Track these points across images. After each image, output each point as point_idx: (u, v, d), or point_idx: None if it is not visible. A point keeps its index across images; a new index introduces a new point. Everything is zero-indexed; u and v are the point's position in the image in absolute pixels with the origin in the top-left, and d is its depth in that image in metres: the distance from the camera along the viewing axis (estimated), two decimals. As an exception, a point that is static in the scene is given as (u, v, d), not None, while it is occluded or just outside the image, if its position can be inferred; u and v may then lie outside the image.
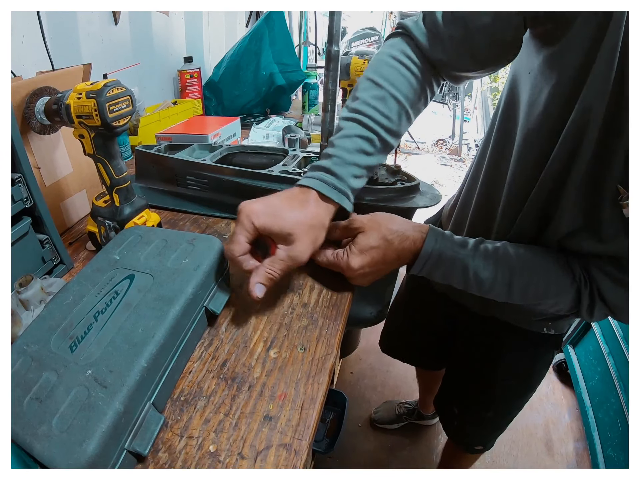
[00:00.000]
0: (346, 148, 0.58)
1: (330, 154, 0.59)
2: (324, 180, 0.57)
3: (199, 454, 0.42)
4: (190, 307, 0.50)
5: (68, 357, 0.42)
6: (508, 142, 0.63)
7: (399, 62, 0.61)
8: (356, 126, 0.59)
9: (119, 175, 0.65)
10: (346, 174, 0.58)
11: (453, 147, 5.06)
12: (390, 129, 0.61)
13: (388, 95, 0.60)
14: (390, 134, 0.61)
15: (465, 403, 1.01)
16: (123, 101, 0.60)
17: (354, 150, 0.58)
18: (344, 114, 0.62)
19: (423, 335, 1.12)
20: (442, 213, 0.93)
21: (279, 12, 1.71)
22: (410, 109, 0.63)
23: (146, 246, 0.56)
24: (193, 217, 0.85)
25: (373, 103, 0.60)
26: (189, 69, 1.59)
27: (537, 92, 0.56)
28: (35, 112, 0.66)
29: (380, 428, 1.68)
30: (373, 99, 0.60)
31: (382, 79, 0.60)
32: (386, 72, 0.61)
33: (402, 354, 1.26)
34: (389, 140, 0.61)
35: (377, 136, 0.60)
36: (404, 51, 0.62)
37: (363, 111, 0.59)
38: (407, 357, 1.27)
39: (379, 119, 0.60)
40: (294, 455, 0.42)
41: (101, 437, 0.36)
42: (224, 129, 1.21)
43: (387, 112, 0.60)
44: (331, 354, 0.54)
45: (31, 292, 0.53)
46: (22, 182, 0.59)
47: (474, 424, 1.03)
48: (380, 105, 0.60)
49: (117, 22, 1.28)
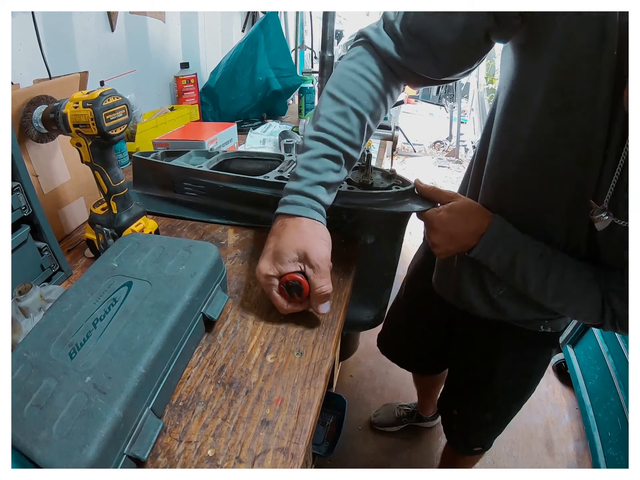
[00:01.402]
0: (313, 168, 0.61)
1: (300, 176, 0.61)
2: (300, 203, 0.60)
3: (198, 459, 0.43)
4: (188, 314, 0.51)
5: (67, 364, 0.42)
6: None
7: (359, 75, 0.62)
8: (321, 145, 0.61)
9: (116, 183, 0.66)
10: (318, 193, 0.61)
11: (450, 148, 5.08)
12: (354, 143, 0.63)
13: (350, 111, 0.61)
14: (353, 149, 0.64)
15: (464, 405, 1.02)
16: (119, 110, 0.61)
17: (322, 170, 0.61)
18: (309, 132, 0.63)
19: (421, 339, 1.12)
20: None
21: (275, 17, 1.72)
22: (371, 121, 0.65)
23: (144, 253, 0.57)
24: (190, 224, 0.86)
25: (336, 120, 0.61)
26: (186, 74, 1.61)
27: (518, 102, 0.58)
28: (33, 121, 0.67)
29: (380, 431, 1.68)
30: (336, 116, 0.62)
31: (344, 94, 0.62)
32: (347, 86, 0.62)
33: (399, 359, 1.27)
34: (353, 155, 0.64)
35: (342, 152, 0.62)
36: (364, 63, 0.63)
37: (327, 129, 0.61)
38: (405, 362, 1.28)
39: (343, 136, 0.61)
40: (291, 459, 0.43)
41: (101, 443, 0.36)
42: (221, 134, 1.22)
43: (349, 127, 0.62)
44: (327, 358, 0.55)
45: (30, 300, 0.53)
46: (21, 191, 0.60)
47: (473, 426, 1.04)
48: (343, 122, 0.61)
49: (114, 29, 1.29)
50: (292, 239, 0.57)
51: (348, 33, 5.40)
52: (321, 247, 0.57)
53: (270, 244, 0.59)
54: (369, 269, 0.80)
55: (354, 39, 0.67)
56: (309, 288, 0.57)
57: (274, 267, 0.57)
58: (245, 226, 0.85)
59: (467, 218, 0.65)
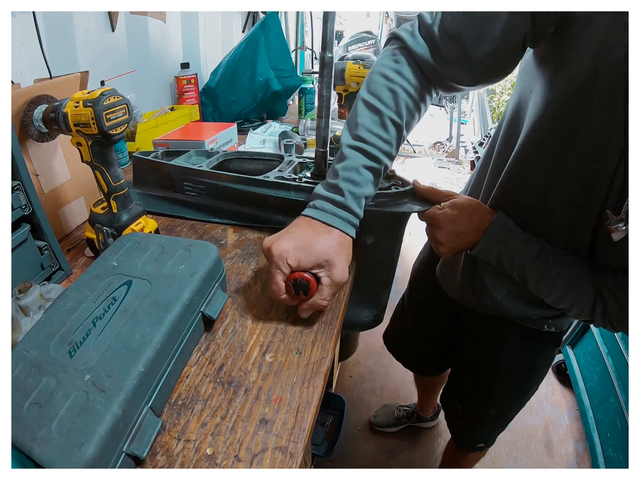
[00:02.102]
0: (355, 181, 0.60)
1: (342, 188, 0.60)
2: (339, 216, 0.59)
3: (196, 457, 0.43)
4: (187, 313, 0.51)
5: (67, 363, 0.42)
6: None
7: (396, 83, 0.62)
8: (360, 156, 0.61)
9: (116, 182, 0.66)
10: (357, 207, 0.60)
11: (450, 149, 5.08)
12: (391, 154, 0.63)
13: (388, 120, 0.61)
14: (390, 160, 0.63)
15: (468, 400, 1.02)
16: (120, 109, 0.61)
17: (363, 183, 0.60)
18: (347, 141, 0.62)
19: (428, 335, 1.13)
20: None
21: (275, 17, 1.72)
22: (406, 131, 0.65)
23: (143, 252, 0.57)
24: (190, 223, 0.86)
25: (375, 130, 0.61)
26: (186, 75, 1.61)
27: (538, 110, 0.58)
28: (33, 120, 0.67)
29: (379, 431, 1.68)
30: (374, 125, 0.61)
31: (381, 103, 0.61)
32: (384, 95, 0.62)
33: (404, 357, 1.27)
34: (389, 165, 0.64)
35: (381, 164, 0.62)
36: (400, 70, 0.62)
37: (366, 139, 0.61)
38: (410, 361, 1.28)
39: (382, 146, 0.61)
40: (290, 457, 0.43)
41: (100, 441, 0.36)
42: (221, 134, 1.22)
43: (388, 138, 0.61)
44: (326, 357, 0.55)
45: (30, 299, 0.53)
46: (21, 190, 0.60)
47: (477, 421, 1.04)
48: (382, 132, 0.61)
49: (114, 29, 1.29)
50: (324, 245, 0.56)
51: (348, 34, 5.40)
52: (346, 266, 0.57)
53: (297, 233, 0.58)
54: (369, 269, 0.80)
55: (387, 40, 0.66)
56: (313, 293, 0.57)
57: (294, 256, 0.56)
58: (245, 226, 0.85)
59: (470, 214, 0.65)
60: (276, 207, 0.80)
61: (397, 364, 1.28)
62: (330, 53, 0.67)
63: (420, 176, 4.05)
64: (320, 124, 0.73)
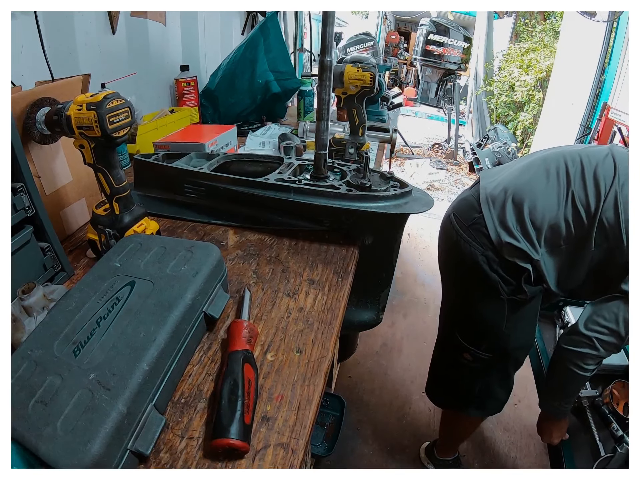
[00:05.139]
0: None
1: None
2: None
3: (199, 454, 0.43)
4: (190, 312, 0.52)
5: (72, 362, 0.43)
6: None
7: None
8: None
9: (118, 184, 0.67)
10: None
11: (449, 151, 5.09)
12: None
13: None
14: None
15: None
16: (122, 112, 0.62)
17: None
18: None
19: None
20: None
21: (274, 20, 1.73)
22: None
23: (146, 254, 0.58)
24: (191, 225, 0.87)
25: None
26: (186, 77, 1.62)
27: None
28: (36, 123, 0.68)
29: (379, 431, 1.68)
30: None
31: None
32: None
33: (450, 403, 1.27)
34: None
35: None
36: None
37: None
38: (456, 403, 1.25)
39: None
40: (291, 454, 0.44)
41: (105, 438, 0.37)
42: (221, 137, 1.22)
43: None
44: (326, 356, 0.56)
45: (34, 299, 0.54)
46: (24, 191, 0.60)
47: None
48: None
49: (115, 32, 1.30)
50: None
51: (347, 36, 5.42)
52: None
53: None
54: (368, 269, 0.81)
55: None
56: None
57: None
58: (245, 227, 0.85)
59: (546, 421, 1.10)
60: (276, 208, 0.81)
61: (396, 364, 1.28)
62: (330, 56, 0.68)
63: (418, 177, 4.06)
64: (320, 126, 0.74)
